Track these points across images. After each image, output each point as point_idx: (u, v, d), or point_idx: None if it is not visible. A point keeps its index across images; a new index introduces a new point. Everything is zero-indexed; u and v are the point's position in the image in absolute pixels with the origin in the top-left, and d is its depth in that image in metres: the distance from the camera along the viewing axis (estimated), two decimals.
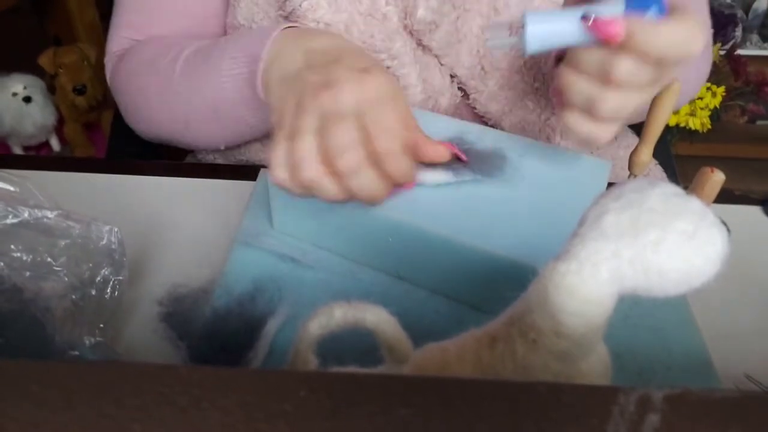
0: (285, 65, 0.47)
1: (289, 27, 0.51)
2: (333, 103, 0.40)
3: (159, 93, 0.61)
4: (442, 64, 0.60)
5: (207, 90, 0.56)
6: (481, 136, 0.51)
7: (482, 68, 0.60)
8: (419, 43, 0.59)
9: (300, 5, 0.55)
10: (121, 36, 0.66)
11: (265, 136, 0.63)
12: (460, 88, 0.62)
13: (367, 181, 0.39)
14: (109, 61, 0.68)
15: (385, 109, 0.40)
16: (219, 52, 0.55)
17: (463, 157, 0.46)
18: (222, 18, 0.65)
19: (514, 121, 0.63)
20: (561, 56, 0.46)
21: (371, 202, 0.41)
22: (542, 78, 0.61)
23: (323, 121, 0.39)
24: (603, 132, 0.43)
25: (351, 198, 0.40)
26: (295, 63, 0.47)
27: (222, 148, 0.65)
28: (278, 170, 0.40)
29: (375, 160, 0.39)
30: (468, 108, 0.64)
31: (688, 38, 0.39)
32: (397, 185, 0.41)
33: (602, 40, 0.39)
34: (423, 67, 0.60)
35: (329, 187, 0.39)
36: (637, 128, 0.61)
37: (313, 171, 0.39)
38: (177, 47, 0.60)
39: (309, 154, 0.39)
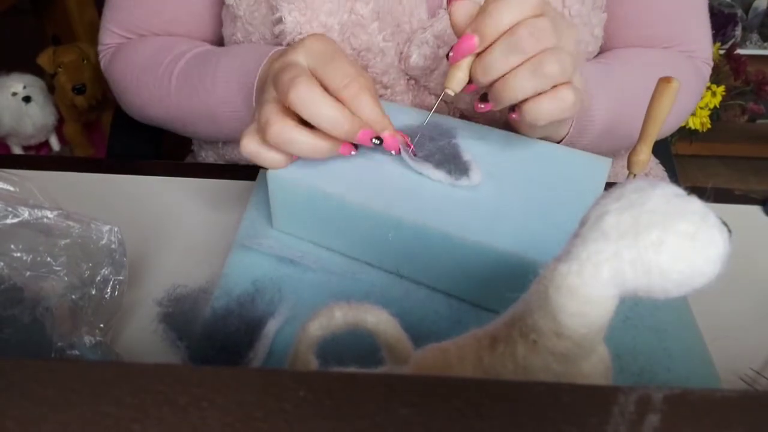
0: None
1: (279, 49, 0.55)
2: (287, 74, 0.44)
3: (156, 98, 0.63)
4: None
5: (205, 102, 0.59)
6: (483, 135, 0.51)
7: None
8: (416, 82, 0.60)
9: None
10: (111, 30, 0.68)
11: None
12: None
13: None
14: (102, 51, 0.70)
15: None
16: (212, 69, 0.58)
17: (411, 146, 0.46)
18: (206, 19, 0.67)
19: None
20: None
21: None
22: None
23: (280, 88, 0.43)
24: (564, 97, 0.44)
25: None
26: None
27: (220, 144, 0.68)
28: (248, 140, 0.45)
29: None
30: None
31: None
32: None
33: None
34: (416, 95, 0.61)
35: (299, 137, 0.43)
36: None
37: (278, 125, 0.43)
38: (170, 56, 0.62)
39: (272, 113, 0.43)
